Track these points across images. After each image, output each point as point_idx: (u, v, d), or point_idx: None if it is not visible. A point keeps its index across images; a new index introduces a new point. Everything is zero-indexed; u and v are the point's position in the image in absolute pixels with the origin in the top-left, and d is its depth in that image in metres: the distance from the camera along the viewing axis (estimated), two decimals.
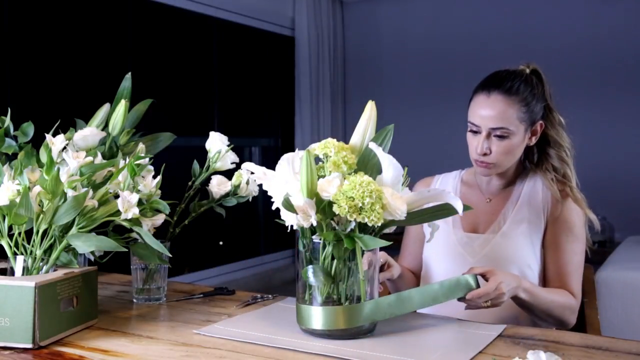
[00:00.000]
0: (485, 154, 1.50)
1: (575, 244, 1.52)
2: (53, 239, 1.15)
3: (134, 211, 1.14)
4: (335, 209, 1.03)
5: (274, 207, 1.12)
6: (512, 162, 1.54)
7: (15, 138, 1.27)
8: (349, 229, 1.07)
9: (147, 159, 1.26)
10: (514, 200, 1.57)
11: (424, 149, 4.51)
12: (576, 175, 1.57)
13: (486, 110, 1.48)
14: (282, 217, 1.11)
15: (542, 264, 1.54)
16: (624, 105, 4.25)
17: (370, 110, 1.17)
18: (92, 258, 1.29)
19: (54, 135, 1.20)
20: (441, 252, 1.61)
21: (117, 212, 1.15)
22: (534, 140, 1.54)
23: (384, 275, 1.40)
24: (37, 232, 1.14)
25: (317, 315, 1.09)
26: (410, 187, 1.13)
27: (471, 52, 4.58)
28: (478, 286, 1.27)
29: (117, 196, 1.16)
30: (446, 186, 1.67)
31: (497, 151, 1.49)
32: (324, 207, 1.05)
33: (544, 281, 1.54)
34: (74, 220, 1.13)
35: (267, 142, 4.80)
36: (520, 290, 1.36)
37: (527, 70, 1.56)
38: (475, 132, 1.51)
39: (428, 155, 4.39)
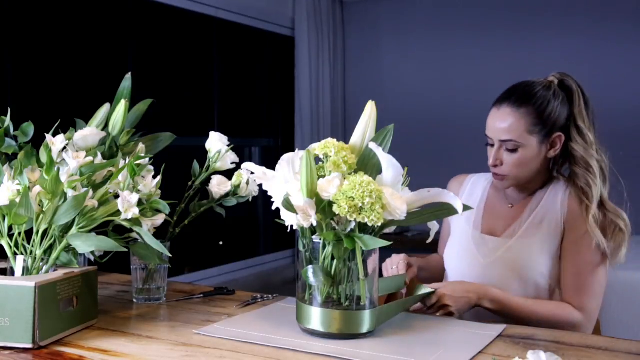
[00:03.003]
0: (496, 165, 1.51)
1: (594, 256, 1.45)
2: (53, 239, 1.15)
3: (134, 211, 1.14)
4: (335, 209, 1.03)
5: (274, 207, 1.12)
6: (528, 174, 1.52)
7: (15, 138, 1.27)
8: (349, 229, 1.07)
9: (147, 159, 1.26)
10: (533, 207, 1.55)
11: (424, 150, 4.51)
12: (602, 195, 1.48)
13: (496, 123, 1.50)
14: (282, 217, 1.11)
15: (558, 273, 1.50)
16: None
17: (370, 110, 1.17)
18: (92, 258, 1.29)
19: (54, 135, 1.20)
20: (456, 250, 1.63)
21: (117, 212, 1.15)
22: (552, 152, 1.51)
23: (410, 272, 1.48)
24: (37, 232, 1.14)
25: (315, 317, 1.10)
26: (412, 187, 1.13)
27: (473, 47, 4.58)
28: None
29: (117, 196, 1.16)
30: (476, 187, 1.69)
31: (508, 163, 1.50)
32: (324, 207, 1.05)
33: (560, 291, 1.50)
34: (74, 220, 1.14)
35: (267, 142, 4.79)
36: (485, 301, 1.39)
37: (556, 81, 1.52)
38: (491, 145, 1.52)
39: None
